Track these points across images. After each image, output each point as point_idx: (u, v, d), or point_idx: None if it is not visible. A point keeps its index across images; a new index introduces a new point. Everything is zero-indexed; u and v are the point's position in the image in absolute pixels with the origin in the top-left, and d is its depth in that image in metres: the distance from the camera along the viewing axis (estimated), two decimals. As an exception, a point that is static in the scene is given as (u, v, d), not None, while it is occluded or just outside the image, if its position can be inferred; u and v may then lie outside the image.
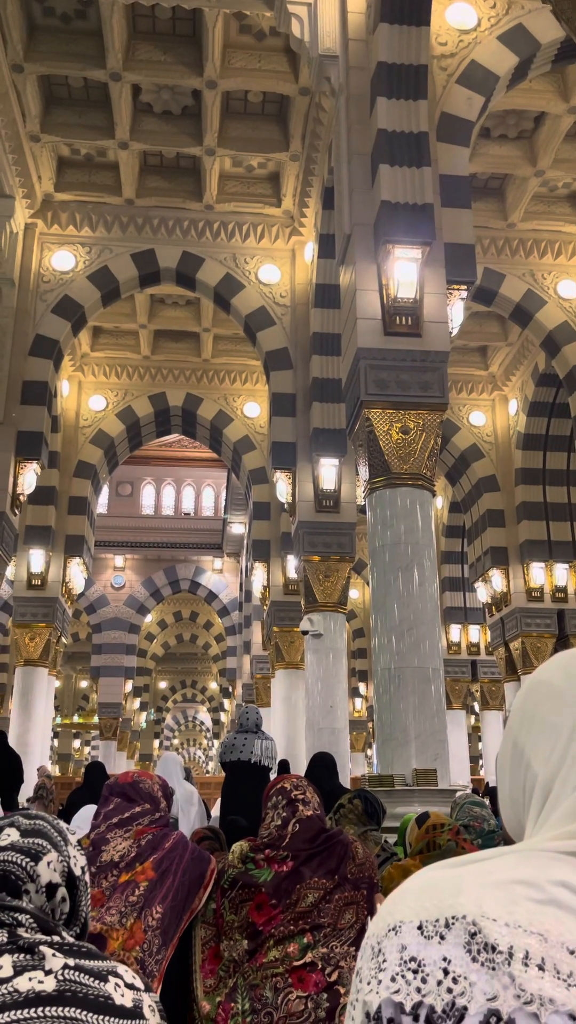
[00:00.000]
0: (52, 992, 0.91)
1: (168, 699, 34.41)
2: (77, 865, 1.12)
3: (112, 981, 0.96)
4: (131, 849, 2.34)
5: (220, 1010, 2.08)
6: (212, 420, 13.89)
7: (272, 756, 5.15)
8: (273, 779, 2.47)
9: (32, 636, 12.52)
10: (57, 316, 10.40)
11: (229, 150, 9.86)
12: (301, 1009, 2.01)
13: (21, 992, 0.90)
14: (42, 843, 1.10)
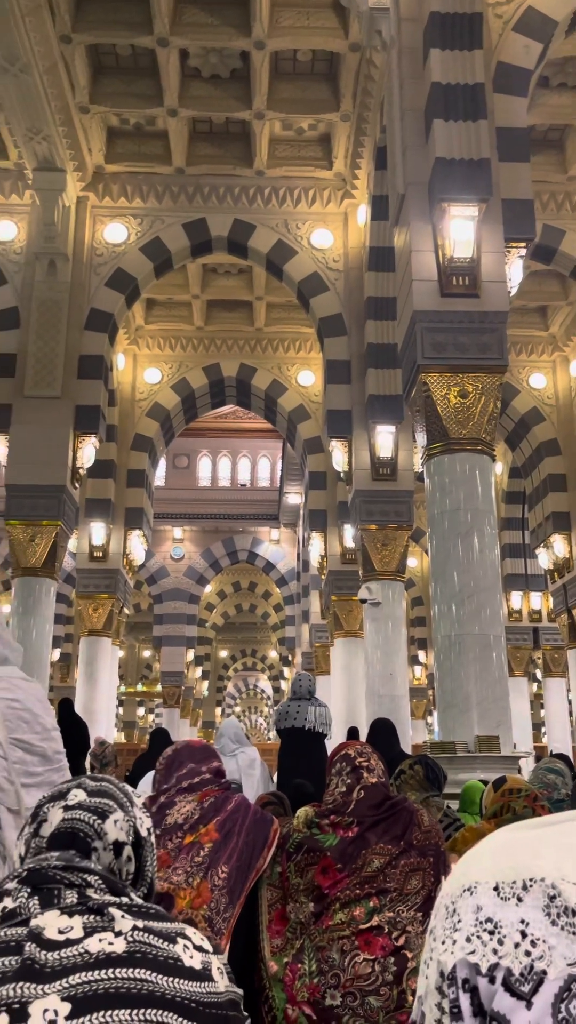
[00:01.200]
0: (122, 954, 0.92)
1: (229, 668, 34.90)
2: (143, 826, 1.12)
3: (180, 943, 0.97)
4: (195, 811, 2.40)
5: (287, 970, 2.11)
6: (266, 390, 13.86)
7: (326, 722, 5.18)
8: (337, 745, 2.48)
9: (95, 607, 12.77)
10: (111, 289, 10.45)
11: (279, 112, 9.71)
12: (368, 972, 2.02)
13: (92, 953, 0.91)
14: (108, 802, 1.10)
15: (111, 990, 0.88)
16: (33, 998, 0.85)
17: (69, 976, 0.88)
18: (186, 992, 0.92)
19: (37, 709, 2.39)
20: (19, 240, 10.50)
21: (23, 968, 0.88)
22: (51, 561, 9.68)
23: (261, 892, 2.31)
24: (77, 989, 0.87)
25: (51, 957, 0.90)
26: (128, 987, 0.89)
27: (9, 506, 9.72)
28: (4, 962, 0.90)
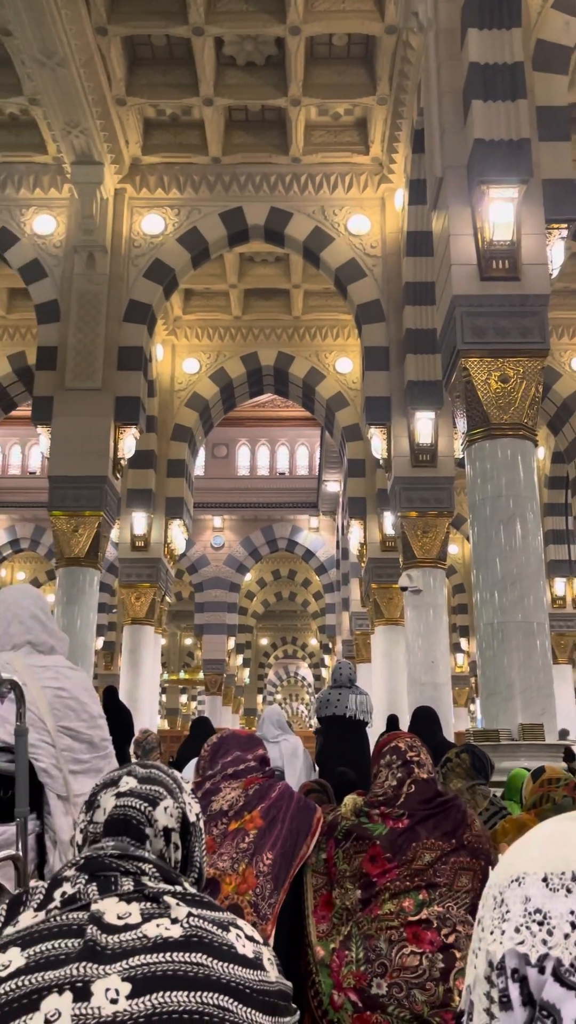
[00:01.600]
0: (179, 938, 0.95)
1: (269, 656, 35.05)
2: (192, 812, 1.14)
3: (233, 932, 1.00)
4: (239, 798, 2.43)
5: (334, 956, 2.12)
6: (304, 378, 13.83)
7: (367, 710, 5.18)
8: (386, 736, 2.47)
9: (138, 596, 12.91)
10: (149, 280, 10.50)
11: (315, 98, 9.64)
12: (415, 964, 2.02)
13: (150, 938, 0.94)
14: (158, 789, 1.13)
15: (169, 972, 0.90)
16: (95, 977, 0.88)
17: (129, 958, 0.91)
18: (241, 978, 0.94)
19: (84, 697, 2.43)
20: (58, 234, 10.60)
21: (85, 949, 0.91)
22: (94, 551, 9.80)
23: (306, 878, 2.32)
24: (137, 970, 0.90)
25: (111, 940, 0.93)
26: (185, 970, 0.91)
27: (52, 497, 9.86)
28: (67, 943, 0.93)
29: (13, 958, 0.92)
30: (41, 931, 0.95)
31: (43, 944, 0.93)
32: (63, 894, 1.00)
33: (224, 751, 2.64)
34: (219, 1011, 0.90)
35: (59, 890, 1.01)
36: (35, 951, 0.92)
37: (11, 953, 0.93)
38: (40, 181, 10.64)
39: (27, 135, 10.41)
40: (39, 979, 0.88)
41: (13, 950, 0.93)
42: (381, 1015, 1.98)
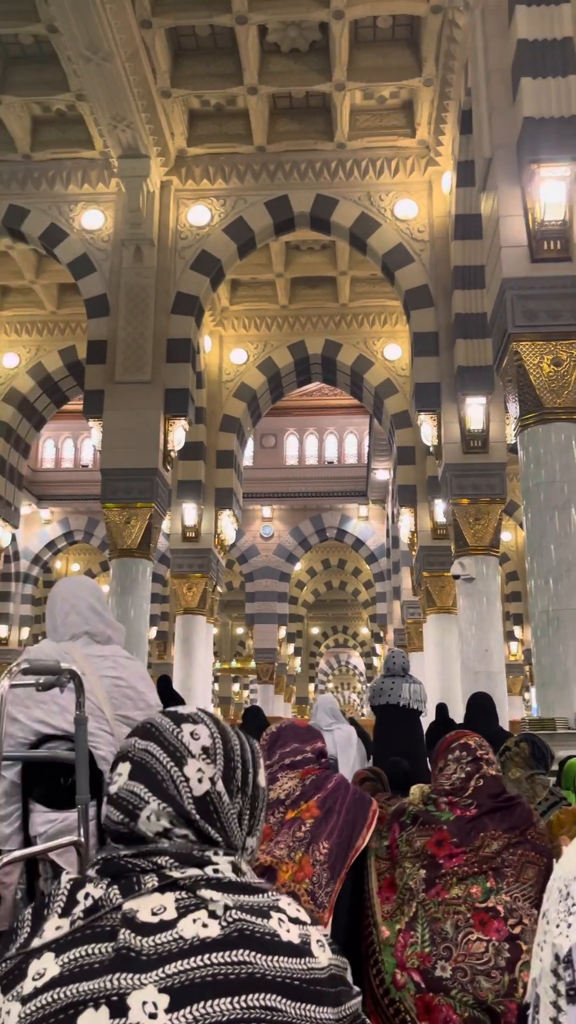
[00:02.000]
0: (218, 937, 0.90)
1: (320, 645, 35.10)
2: (205, 779, 1.03)
3: (275, 917, 0.94)
4: (296, 788, 2.46)
5: (399, 937, 2.13)
6: (352, 366, 13.75)
7: (421, 699, 5.14)
8: (453, 734, 2.48)
9: (189, 586, 13.03)
10: (196, 272, 10.53)
11: (359, 82, 9.54)
12: (481, 951, 2.02)
13: (187, 939, 0.89)
14: (153, 765, 1.03)
15: (208, 978, 0.86)
16: (131, 989, 0.84)
17: (165, 965, 0.86)
18: (288, 971, 0.90)
19: (140, 686, 2.46)
20: (106, 228, 10.70)
21: (119, 957, 0.87)
22: (146, 542, 9.91)
23: (370, 862, 2.35)
24: (174, 979, 0.85)
25: (146, 944, 0.88)
26: (226, 972, 0.87)
27: (105, 490, 9.99)
28: (101, 948, 0.89)
29: (48, 965, 0.88)
30: (74, 935, 0.91)
31: (76, 950, 0.89)
32: (87, 895, 0.95)
33: (282, 742, 2.66)
34: (266, 1012, 0.85)
35: (82, 891, 0.96)
36: (69, 957, 0.88)
37: (46, 959, 0.89)
38: (88, 176, 10.75)
39: (74, 131, 10.51)
40: (74, 991, 0.85)
41: (47, 955, 0.90)
42: (444, 997, 1.98)
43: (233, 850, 1.02)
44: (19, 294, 14.07)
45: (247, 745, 1.08)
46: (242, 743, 1.07)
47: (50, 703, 2.30)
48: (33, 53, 9.68)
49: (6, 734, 2.27)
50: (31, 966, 0.89)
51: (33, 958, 0.90)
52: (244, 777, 1.05)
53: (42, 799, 2.31)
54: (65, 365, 14.11)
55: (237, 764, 1.04)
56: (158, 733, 1.04)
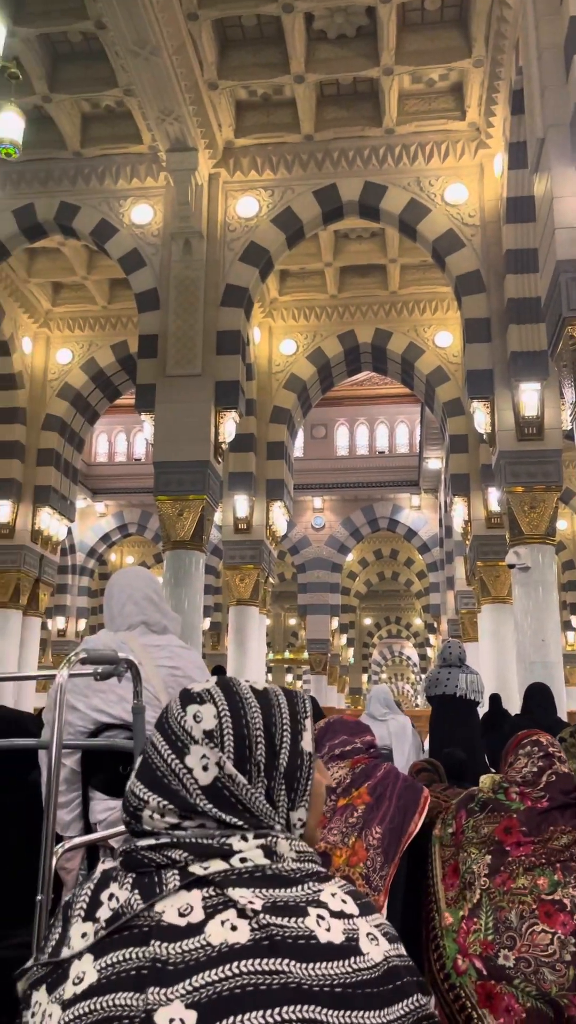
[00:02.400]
0: (247, 943, 0.84)
1: (373, 635, 35.00)
2: (227, 759, 0.98)
3: (313, 914, 0.87)
4: (346, 776, 2.49)
5: (462, 923, 2.12)
6: (403, 354, 13.63)
7: (478, 689, 5.09)
8: (524, 732, 2.47)
9: (242, 577, 13.10)
10: (245, 264, 10.54)
11: (408, 66, 9.42)
12: (546, 943, 2.00)
13: (214, 946, 0.84)
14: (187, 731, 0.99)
15: (238, 990, 0.80)
16: (158, 1005, 0.81)
17: (192, 976, 0.82)
18: (328, 977, 0.83)
19: (197, 676, 2.48)
20: (155, 222, 10.77)
21: (149, 970, 0.84)
22: (199, 534, 9.99)
23: (434, 850, 2.35)
24: (201, 993, 0.80)
25: (173, 952, 0.84)
26: (256, 983, 0.81)
27: (157, 482, 10.08)
28: (136, 953, 0.86)
29: (87, 968, 0.86)
30: (111, 936, 0.88)
31: (113, 954, 0.86)
32: (111, 896, 0.92)
33: (332, 733, 2.68)
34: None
35: (106, 891, 0.93)
36: (106, 963, 0.86)
37: (85, 961, 0.87)
38: (136, 171, 10.83)
39: (123, 126, 10.60)
40: (109, 1004, 0.82)
41: (87, 957, 0.88)
42: (506, 986, 1.96)
43: (266, 829, 0.95)
44: (71, 290, 14.27)
45: (281, 715, 1.00)
46: (269, 714, 0.99)
47: (108, 692, 2.33)
48: (82, 50, 9.78)
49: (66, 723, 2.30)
50: (72, 967, 0.88)
51: (74, 959, 0.89)
52: (272, 750, 0.97)
53: (101, 787, 2.35)
54: (117, 360, 14.28)
55: (256, 741, 0.97)
56: (165, 719, 1.00)
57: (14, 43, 8.86)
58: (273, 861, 0.92)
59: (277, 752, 0.98)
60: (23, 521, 13.58)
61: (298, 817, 0.98)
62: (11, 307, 13.44)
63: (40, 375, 14.15)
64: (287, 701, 1.02)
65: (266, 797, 0.96)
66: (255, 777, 0.96)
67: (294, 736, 0.99)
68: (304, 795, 0.99)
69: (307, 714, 1.03)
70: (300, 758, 0.99)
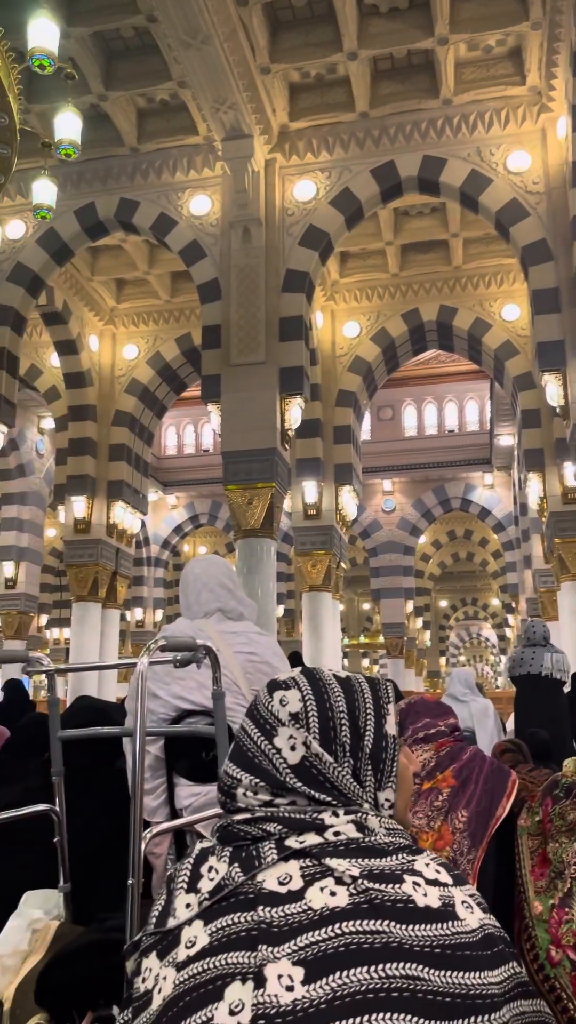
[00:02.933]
0: (347, 907, 0.87)
1: (450, 617, 34.65)
2: (313, 741, 1.02)
3: (409, 880, 0.90)
4: (431, 760, 2.46)
5: (553, 913, 2.07)
6: (469, 330, 13.37)
7: (564, 669, 4.98)
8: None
9: (313, 563, 13.11)
10: (305, 248, 10.48)
11: (463, 33, 9.18)
12: None
13: (315, 910, 0.88)
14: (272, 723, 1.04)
15: (341, 948, 0.84)
16: (267, 961, 0.85)
17: (297, 937, 0.86)
18: (428, 938, 0.85)
19: (274, 661, 2.48)
20: (213, 212, 10.80)
21: (257, 930, 0.88)
22: (269, 522, 10.02)
23: (521, 840, 2.30)
24: (307, 951, 0.84)
25: (276, 915, 0.88)
26: (359, 942, 0.84)
27: (226, 472, 10.15)
28: (243, 917, 0.90)
29: (198, 933, 0.91)
30: (219, 903, 0.93)
31: (222, 919, 0.91)
32: (210, 869, 0.97)
33: (414, 716, 2.65)
34: (408, 982, 0.81)
35: (205, 864, 0.98)
36: (216, 927, 0.91)
37: (196, 927, 0.92)
38: (193, 162, 10.86)
39: (178, 119, 10.64)
40: (222, 963, 0.87)
41: (197, 923, 0.92)
42: None
43: (356, 807, 0.99)
44: (134, 286, 14.45)
45: (364, 699, 1.04)
46: (352, 698, 1.03)
47: (188, 679, 2.35)
48: (135, 46, 9.84)
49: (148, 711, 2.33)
50: (183, 933, 0.93)
51: (184, 925, 0.93)
52: (356, 732, 1.01)
53: (185, 773, 2.38)
54: (182, 352, 14.41)
55: (340, 723, 1.01)
56: (255, 706, 1.05)
57: (68, 44, 8.97)
58: (365, 835, 0.95)
59: (361, 734, 1.01)
60: (98, 516, 13.87)
61: (385, 797, 1.02)
62: (77, 306, 13.69)
63: (108, 372, 14.39)
64: (370, 687, 1.07)
65: (353, 776, 1.00)
66: (341, 757, 1.00)
67: (378, 719, 1.03)
68: (390, 776, 1.02)
69: (390, 699, 1.06)
70: (384, 740, 1.02)
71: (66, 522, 13.93)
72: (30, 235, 11.32)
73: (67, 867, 2.21)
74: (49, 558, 24.51)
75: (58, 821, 2.20)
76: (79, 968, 1.73)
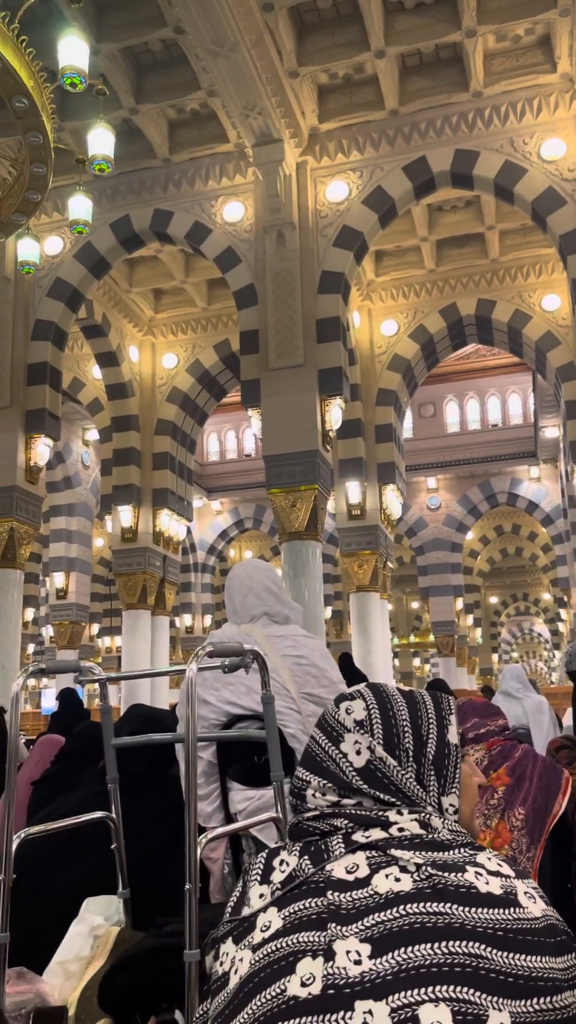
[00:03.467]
0: (411, 890, 0.92)
1: (500, 614, 34.24)
2: (376, 744, 1.09)
3: (471, 870, 0.93)
4: (483, 759, 2.46)
5: None
6: (508, 322, 13.22)
7: (621, 662, 4.87)
8: None
9: (360, 564, 13.07)
10: (339, 249, 10.46)
11: (491, 24, 9.09)
12: None
13: (381, 894, 0.93)
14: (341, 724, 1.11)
15: (405, 927, 0.88)
16: (336, 938, 0.90)
17: (364, 918, 0.91)
18: (491, 920, 0.88)
19: (322, 664, 2.48)
20: (247, 218, 10.84)
21: (328, 912, 0.94)
22: (313, 524, 10.02)
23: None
24: (373, 930, 0.89)
25: (345, 899, 0.94)
26: (423, 921, 0.88)
27: (269, 476, 10.18)
28: (314, 903, 0.96)
29: (272, 919, 0.97)
30: (292, 891, 0.99)
31: (295, 904, 0.97)
32: (282, 862, 1.03)
33: (461, 717, 2.64)
34: (471, 959, 0.84)
35: (277, 859, 1.05)
36: (289, 911, 0.97)
37: (271, 913, 0.98)
38: (225, 170, 10.93)
39: (208, 127, 10.72)
40: (295, 941, 0.93)
41: (271, 910, 0.99)
42: None
43: (420, 808, 1.03)
44: (171, 295, 14.59)
45: (426, 710, 1.09)
46: (415, 709, 1.09)
47: (237, 684, 2.36)
48: (163, 58, 9.94)
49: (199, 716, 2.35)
50: (259, 919, 0.99)
51: (259, 912, 1.00)
52: (419, 739, 1.06)
53: (239, 777, 2.39)
54: (221, 359, 14.50)
55: (403, 730, 1.06)
56: (323, 717, 1.12)
57: (98, 61, 9.11)
58: (428, 832, 1.00)
59: (424, 742, 1.07)
60: (144, 524, 14.01)
61: (450, 803, 1.06)
62: (116, 318, 13.87)
63: (149, 382, 14.54)
64: (432, 699, 1.13)
65: (416, 781, 1.05)
66: (404, 762, 1.05)
67: (440, 728, 1.09)
68: (453, 783, 1.07)
69: (452, 711, 1.12)
70: (447, 748, 1.08)
71: (113, 531, 14.10)
72: (68, 250, 11.50)
73: (125, 873, 2.23)
74: (98, 568, 24.85)
75: (115, 828, 2.23)
76: (141, 973, 1.75)
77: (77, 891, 2.22)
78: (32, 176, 6.90)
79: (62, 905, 2.19)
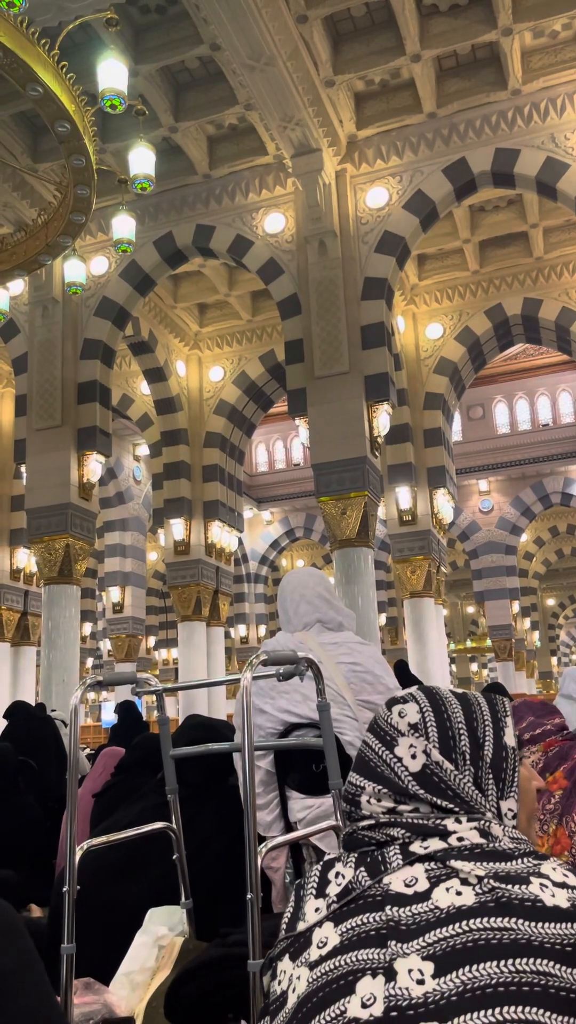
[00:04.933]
0: (473, 905, 0.88)
1: (559, 616, 33.62)
2: (431, 748, 1.05)
3: (536, 882, 0.90)
4: (539, 761, 2.39)
5: None
6: (556, 320, 13.02)
7: None
8: None
9: (412, 569, 12.97)
10: (381, 255, 10.44)
11: (527, 22, 9.00)
12: None
13: (442, 908, 0.89)
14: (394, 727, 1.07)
15: (470, 944, 0.85)
16: (398, 956, 0.87)
17: (425, 934, 0.87)
18: (558, 936, 0.84)
19: (377, 670, 2.46)
20: (288, 229, 10.89)
21: (387, 929, 0.90)
22: (364, 530, 9.98)
23: None
24: (436, 947, 0.86)
25: (404, 914, 0.90)
26: (487, 938, 0.85)
27: (318, 484, 10.17)
28: (372, 918, 0.92)
29: (329, 935, 0.94)
30: (348, 905, 0.96)
31: (352, 920, 0.94)
32: (337, 875, 1.00)
33: (518, 717, 2.58)
34: (539, 977, 0.81)
35: (332, 871, 1.01)
36: (346, 927, 0.93)
37: (327, 928, 0.95)
38: (265, 182, 11.00)
39: (247, 141, 10.81)
40: (353, 960, 0.90)
41: (328, 925, 0.95)
42: None
43: (479, 815, 1.00)
44: (216, 309, 14.72)
45: (481, 712, 1.06)
46: (469, 711, 1.05)
47: (292, 692, 2.36)
48: (200, 76, 10.07)
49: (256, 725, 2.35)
50: (315, 935, 0.96)
51: (315, 927, 0.97)
52: (475, 742, 1.03)
53: (297, 786, 2.38)
54: (267, 370, 14.57)
55: (458, 732, 1.03)
56: (375, 722, 1.09)
57: (137, 82, 9.26)
58: (489, 841, 0.96)
59: (481, 744, 1.03)
60: (196, 536, 14.12)
61: (508, 808, 1.03)
62: (162, 334, 14.04)
63: (196, 395, 14.68)
64: (487, 701, 1.09)
65: (475, 785, 1.02)
66: (461, 765, 1.02)
67: (496, 731, 1.05)
68: (512, 786, 1.03)
69: (507, 713, 1.08)
70: (504, 751, 1.04)
71: (166, 545, 14.24)
72: (113, 269, 11.70)
73: (187, 883, 2.24)
74: (153, 581, 25.10)
75: (176, 838, 2.24)
76: (206, 982, 1.76)
77: (140, 902, 2.24)
78: (76, 198, 7.04)
79: (126, 916, 2.21)
